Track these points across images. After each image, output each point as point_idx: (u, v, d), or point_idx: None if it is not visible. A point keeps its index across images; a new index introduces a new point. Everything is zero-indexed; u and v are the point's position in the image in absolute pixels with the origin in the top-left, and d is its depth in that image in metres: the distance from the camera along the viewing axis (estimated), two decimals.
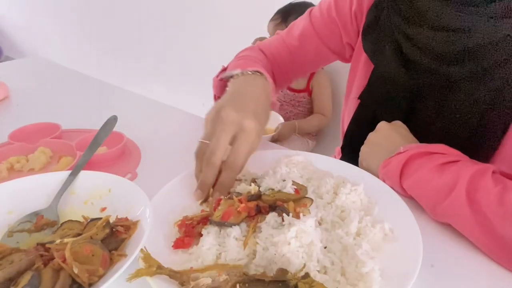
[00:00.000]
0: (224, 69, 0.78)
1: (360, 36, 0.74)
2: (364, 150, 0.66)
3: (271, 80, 0.68)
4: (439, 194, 0.53)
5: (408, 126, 0.65)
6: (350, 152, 0.73)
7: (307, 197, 0.53)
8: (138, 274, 0.42)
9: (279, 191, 0.53)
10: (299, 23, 0.83)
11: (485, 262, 0.49)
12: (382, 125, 0.66)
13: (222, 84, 0.74)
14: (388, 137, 0.64)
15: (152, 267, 0.43)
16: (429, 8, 0.56)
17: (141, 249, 0.44)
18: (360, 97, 0.71)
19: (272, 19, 1.57)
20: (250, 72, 0.66)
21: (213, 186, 0.57)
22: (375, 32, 0.67)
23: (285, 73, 0.86)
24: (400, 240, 0.48)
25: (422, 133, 0.62)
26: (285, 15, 1.52)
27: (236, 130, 0.55)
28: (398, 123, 0.66)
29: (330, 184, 0.57)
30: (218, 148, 0.55)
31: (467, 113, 0.59)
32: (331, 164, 0.64)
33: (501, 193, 0.48)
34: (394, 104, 0.67)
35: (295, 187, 0.54)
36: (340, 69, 1.65)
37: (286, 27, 1.49)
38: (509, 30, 0.53)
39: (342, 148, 0.80)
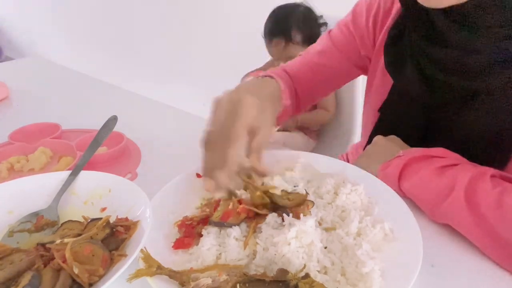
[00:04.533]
0: None
1: (375, 49, 0.76)
2: (361, 160, 0.67)
3: (281, 82, 0.70)
4: (438, 196, 0.53)
5: (424, 139, 0.66)
6: None
7: (308, 200, 0.53)
8: (138, 274, 0.42)
9: (291, 192, 0.53)
10: (318, 42, 0.86)
11: (485, 262, 0.49)
12: (378, 138, 0.67)
13: None
14: (387, 147, 0.65)
15: (152, 267, 0.43)
16: (448, 29, 0.57)
17: (141, 249, 0.44)
18: (380, 110, 0.73)
19: (272, 46, 1.45)
20: (260, 77, 0.69)
21: None
22: (397, 49, 0.68)
23: (308, 90, 0.87)
24: (401, 240, 0.48)
25: (438, 145, 0.62)
26: (287, 35, 1.39)
27: (235, 107, 0.54)
28: (393, 137, 0.68)
29: (330, 184, 0.57)
30: (216, 127, 0.54)
31: (484, 127, 0.59)
32: (332, 165, 0.64)
33: (500, 195, 0.48)
34: (412, 118, 0.68)
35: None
36: None
37: (296, 44, 1.42)
38: None
39: None
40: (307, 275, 0.41)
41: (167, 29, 2.62)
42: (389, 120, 0.73)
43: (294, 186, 0.54)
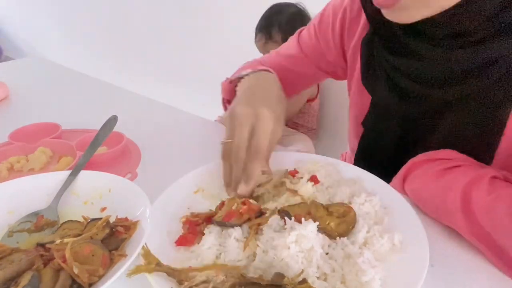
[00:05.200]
0: (229, 80, 0.80)
1: (348, 57, 0.76)
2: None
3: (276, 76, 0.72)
4: (437, 199, 0.53)
5: (404, 151, 0.66)
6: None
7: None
8: (137, 270, 0.42)
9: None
10: (289, 45, 0.86)
11: (485, 262, 0.49)
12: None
13: (231, 87, 0.76)
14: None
15: (151, 264, 0.43)
16: (408, 41, 0.58)
17: (142, 246, 0.44)
18: (363, 124, 0.74)
19: (257, 41, 1.49)
20: (259, 71, 0.70)
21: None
22: (371, 68, 0.69)
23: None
24: (407, 252, 0.47)
25: (416, 153, 0.63)
26: (268, 32, 1.43)
27: (253, 121, 0.57)
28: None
29: (345, 193, 0.56)
30: (241, 141, 0.56)
31: (458, 136, 0.59)
32: (356, 173, 0.62)
33: (493, 202, 0.48)
34: (392, 131, 0.68)
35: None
36: None
37: (274, 42, 1.43)
38: (493, 53, 0.52)
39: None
40: (304, 281, 0.40)
41: (167, 29, 2.62)
42: (371, 134, 0.73)
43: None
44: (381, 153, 0.71)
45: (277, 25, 1.41)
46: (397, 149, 0.68)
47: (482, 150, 0.58)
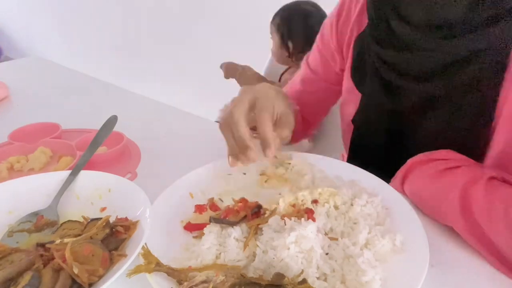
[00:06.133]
0: None
1: (345, 60, 0.77)
2: None
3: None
4: (436, 199, 0.54)
5: (393, 146, 0.67)
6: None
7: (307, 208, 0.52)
8: (137, 270, 0.42)
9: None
10: (300, 71, 0.88)
11: (485, 262, 0.49)
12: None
13: None
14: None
15: (151, 264, 0.43)
16: (401, 32, 0.59)
17: (142, 246, 0.44)
18: (353, 121, 0.75)
19: (273, 26, 1.53)
20: None
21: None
22: (361, 64, 0.70)
23: (305, 116, 0.87)
24: (408, 252, 0.47)
25: (405, 151, 0.63)
26: (277, 14, 1.50)
27: (252, 96, 0.56)
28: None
29: (347, 195, 0.55)
30: (240, 102, 0.55)
31: (446, 130, 0.60)
32: (356, 174, 0.62)
33: (491, 203, 0.48)
34: (381, 127, 0.69)
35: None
36: None
37: (273, 24, 1.45)
38: (481, 44, 0.53)
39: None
40: (304, 281, 0.40)
41: (167, 29, 2.62)
42: (362, 130, 0.74)
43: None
44: (372, 149, 0.71)
45: (281, 10, 1.49)
46: (387, 145, 0.69)
47: (471, 145, 0.58)
